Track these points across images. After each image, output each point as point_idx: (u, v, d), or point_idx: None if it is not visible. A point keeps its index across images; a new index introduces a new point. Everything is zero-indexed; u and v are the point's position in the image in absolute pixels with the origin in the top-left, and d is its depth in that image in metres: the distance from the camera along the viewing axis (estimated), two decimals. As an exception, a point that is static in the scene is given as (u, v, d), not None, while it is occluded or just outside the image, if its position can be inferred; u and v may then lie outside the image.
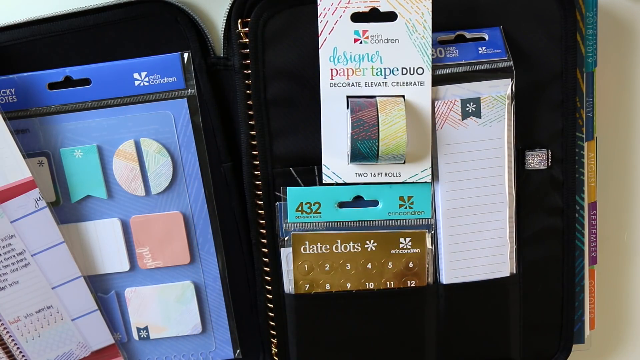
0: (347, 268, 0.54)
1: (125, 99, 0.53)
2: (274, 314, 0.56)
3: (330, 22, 0.50)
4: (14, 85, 0.52)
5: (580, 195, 0.56)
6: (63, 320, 0.55)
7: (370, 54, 0.51)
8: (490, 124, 0.52)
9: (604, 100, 0.58)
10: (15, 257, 0.53)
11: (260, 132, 0.53)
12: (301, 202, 0.53)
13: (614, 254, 0.62)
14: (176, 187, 0.55)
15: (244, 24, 0.52)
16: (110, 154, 0.54)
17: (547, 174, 0.54)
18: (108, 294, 0.56)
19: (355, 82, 0.51)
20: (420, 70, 0.51)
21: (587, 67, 0.54)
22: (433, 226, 0.54)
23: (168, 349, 0.58)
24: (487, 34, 0.52)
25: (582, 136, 0.55)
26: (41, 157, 0.54)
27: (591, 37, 0.54)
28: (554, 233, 0.55)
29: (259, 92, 0.53)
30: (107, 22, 0.52)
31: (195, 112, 0.54)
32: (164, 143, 0.54)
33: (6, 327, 0.54)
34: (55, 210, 0.54)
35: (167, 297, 0.56)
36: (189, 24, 0.53)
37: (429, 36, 0.50)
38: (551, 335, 0.57)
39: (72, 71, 0.53)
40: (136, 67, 0.53)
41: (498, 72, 0.52)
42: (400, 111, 0.50)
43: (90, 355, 0.56)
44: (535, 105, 0.53)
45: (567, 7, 0.52)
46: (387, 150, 0.50)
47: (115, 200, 0.55)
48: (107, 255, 0.55)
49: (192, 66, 0.53)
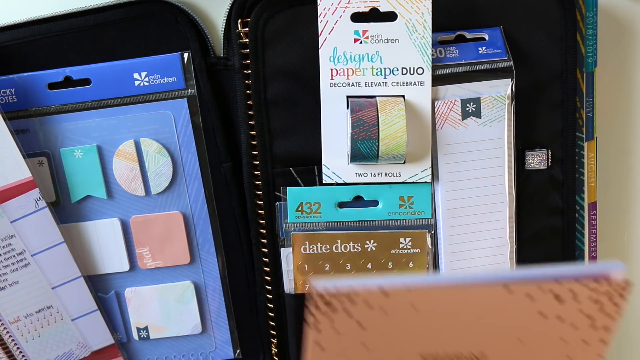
0: (347, 268, 0.54)
1: (125, 99, 0.53)
2: (274, 314, 0.56)
3: (330, 22, 0.50)
4: (14, 85, 0.52)
5: (580, 195, 0.56)
6: (63, 320, 0.55)
7: (370, 54, 0.51)
8: (490, 124, 0.52)
9: (604, 100, 0.58)
10: (15, 257, 0.53)
11: (260, 132, 0.53)
12: (301, 202, 0.53)
13: (614, 254, 0.62)
14: (176, 187, 0.55)
15: (244, 24, 0.52)
16: (110, 154, 0.54)
17: (547, 174, 0.54)
18: (108, 294, 0.56)
19: (355, 82, 0.51)
20: (420, 70, 0.51)
21: (587, 67, 0.54)
22: (433, 226, 0.54)
23: (168, 349, 0.58)
24: (487, 34, 0.52)
25: (582, 136, 0.55)
26: (41, 157, 0.53)
27: (591, 37, 0.54)
28: (554, 233, 0.55)
29: (259, 92, 0.53)
30: (107, 22, 0.52)
31: (195, 112, 0.54)
32: (164, 143, 0.54)
33: (6, 327, 0.54)
34: (55, 210, 0.54)
35: (167, 297, 0.56)
36: (189, 24, 0.53)
37: (429, 36, 0.50)
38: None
39: (72, 71, 0.53)
40: (136, 67, 0.53)
41: (498, 72, 0.52)
42: (400, 111, 0.50)
43: (90, 355, 0.56)
44: (535, 105, 0.53)
45: (567, 7, 0.52)
46: (387, 150, 0.50)
47: (115, 200, 0.55)
48: (107, 255, 0.55)
49: (192, 66, 0.53)
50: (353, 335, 0.37)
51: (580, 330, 0.37)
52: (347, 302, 0.35)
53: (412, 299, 0.36)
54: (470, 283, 0.36)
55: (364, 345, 0.37)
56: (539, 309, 0.36)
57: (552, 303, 0.36)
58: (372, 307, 0.35)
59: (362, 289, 0.35)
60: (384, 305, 0.36)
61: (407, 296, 0.35)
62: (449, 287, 0.36)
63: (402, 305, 0.36)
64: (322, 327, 0.36)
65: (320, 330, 0.36)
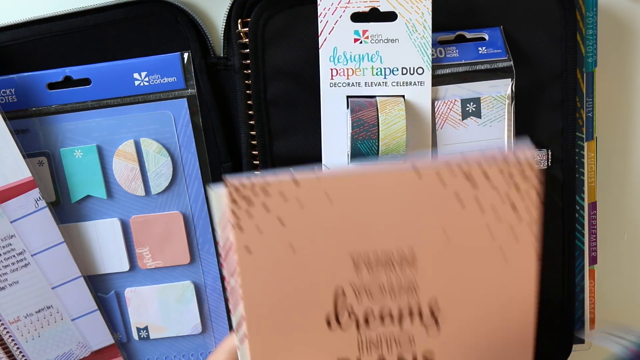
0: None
1: (125, 99, 0.53)
2: (274, 314, 0.56)
3: (330, 22, 0.50)
4: (14, 85, 0.52)
5: (580, 195, 0.56)
6: (63, 320, 0.55)
7: (370, 54, 0.51)
8: (490, 124, 0.52)
9: (604, 100, 0.58)
10: (15, 257, 0.53)
11: (260, 132, 0.53)
12: (301, 202, 0.53)
13: (614, 254, 0.62)
14: (176, 187, 0.55)
15: (244, 24, 0.52)
16: (110, 154, 0.54)
17: (547, 174, 0.54)
18: (108, 294, 0.56)
19: (355, 82, 0.51)
20: (420, 70, 0.51)
21: (587, 67, 0.54)
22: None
23: (168, 349, 0.58)
24: (487, 34, 0.52)
25: (582, 136, 0.55)
26: (41, 157, 0.54)
27: (591, 37, 0.54)
28: (554, 233, 0.55)
29: (259, 92, 0.53)
30: (107, 22, 0.52)
31: (195, 112, 0.54)
32: (164, 143, 0.54)
33: (6, 327, 0.54)
34: (55, 210, 0.54)
35: (167, 297, 0.56)
36: (189, 24, 0.53)
37: (429, 36, 0.50)
38: (551, 335, 0.57)
39: (72, 71, 0.53)
40: (136, 67, 0.53)
41: (498, 72, 0.52)
42: (400, 111, 0.50)
43: (90, 355, 0.56)
44: (535, 105, 0.53)
45: (567, 7, 0.52)
46: (387, 150, 0.50)
47: (115, 200, 0.55)
48: (107, 255, 0.55)
49: (192, 66, 0.53)
50: (276, 234, 0.37)
51: (503, 216, 0.37)
52: (263, 194, 0.36)
53: (324, 188, 0.36)
54: (379, 169, 0.36)
55: (291, 247, 0.37)
56: (454, 194, 0.37)
57: (466, 186, 0.36)
58: (287, 199, 0.36)
59: (274, 179, 0.36)
60: (298, 196, 0.36)
61: (318, 184, 0.36)
62: (357, 173, 0.36)
63: (316, 195, 0.36)
64: (244, 225, 0.37)
65: (242, 229, 0.37)
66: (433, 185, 0.36)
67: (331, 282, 0.38)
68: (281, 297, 0.38)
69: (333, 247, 0.38)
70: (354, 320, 0.39)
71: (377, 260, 0.38)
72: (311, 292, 0.38)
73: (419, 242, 0.38)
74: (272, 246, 0.37)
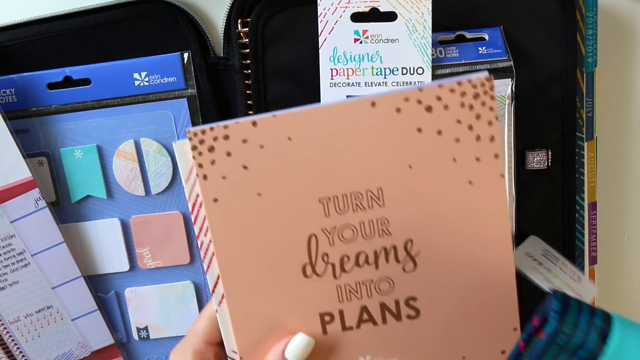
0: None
1: (125, 99, 0.53)
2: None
3: (330, 22, 0.50)
4: (14, 85, 0.52)
5: (580, 195, 0.56)
6: (63, 320, 0.55)
7: (370, 54, 0.51)
8: (490, 124, 0.52)
9: (604, 100, 0.58)
10: (15, 257, 0.53)
11: (260, 132, 0.53)
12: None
13: (614, 254, 0.62)
14: (176, 187, 0.55)
15: (244, 24, 0.52)
16: (110, 154, 0.54)
17: (547, 174, 0.54)
18: (108, 294, 0.56)
19: (355, 82, 0.51)
20: (420, 70, 0.51)
21: (587, 67, 0.54)
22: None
23: (168, 349, 0.58)
24: (487, 34, 0.52)
25: (582, 136, 0.55)
26: (41, 157, 0.54)
27: (591, 37, 0.54)
28: (554, 233, 0.55)
29: (259, 92, 0.53)
30: (107, 22, 0.52)
31: (195, 112, 0.54)
32: (164, 143, 0.54)
33: (6, 327, 0.54)
34: (55, 210, 0.54)
35: (167, 297, 0.56)
36: (189, 24, 0.53)
37: (429, 36, 0.50)
38: (551, 335, 0.57)
39: (72, 71, 0.53)
40: (136, 67, 0.53)
41: (498, 72, 0.52)
42: (400, 111, 0.50)
43: (90, 355, 0.56)
44: (535, 105, 0.53)
45: (567, 7, 0.52)
46: (387, 150, 0.50)
47: (115, 200, 0.55)
48: (107, 255, 0.55)
49: (192, 66, 0.53)
50: (240, 179, 0.37)
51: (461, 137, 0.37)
52: (223, 139, 0.36)
53: (281, 126, 0.36)
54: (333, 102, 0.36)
55: (257, 193, 0.37)
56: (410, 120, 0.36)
57: (423, 114, 0.36)
58: (247, 142, 0.36)
59: (232, 122, 0.36)
60: (257, 137, 0.36)
61: (274, 123, 0.36)
62: (312, 108, 0.36)
63: (274, 134, 0.36)
64: (208, 173, 0.36)
65: (207, 178, 0.36)
66: (388, 113, 0.36)
67: (303, 228, 0.37)
68: (254, 248, 0.37)
69: (300, 192, 0.37)
70: (330, 266, 0.38)
71: (347, 203, 0.37)
72: (283, 241, 0.38)
73: (385, 180, 0.37)
74: (238, 193, 0.37)
